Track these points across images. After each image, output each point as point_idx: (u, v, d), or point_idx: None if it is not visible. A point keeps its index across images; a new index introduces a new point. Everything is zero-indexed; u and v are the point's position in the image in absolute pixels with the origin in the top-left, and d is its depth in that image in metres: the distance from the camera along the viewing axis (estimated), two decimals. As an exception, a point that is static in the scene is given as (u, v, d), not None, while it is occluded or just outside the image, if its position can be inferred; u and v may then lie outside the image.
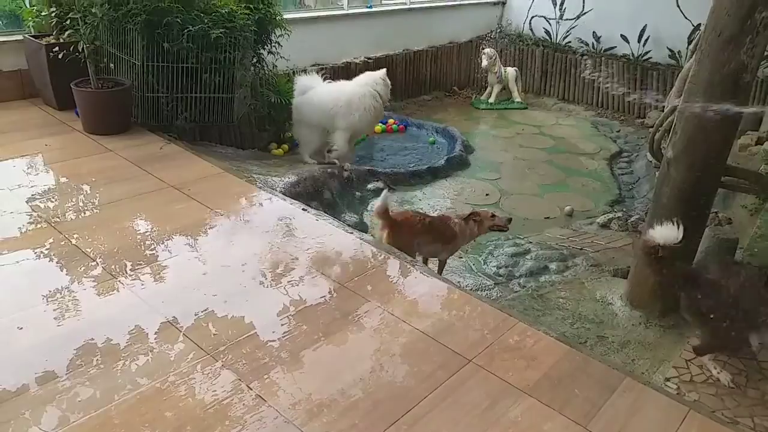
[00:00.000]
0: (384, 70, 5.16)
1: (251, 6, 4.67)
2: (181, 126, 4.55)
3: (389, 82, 5.14)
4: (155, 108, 4.53)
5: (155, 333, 2.43)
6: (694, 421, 2.20)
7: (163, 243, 3.07)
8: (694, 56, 3.17)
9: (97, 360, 2.25)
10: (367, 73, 5.20)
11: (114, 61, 4.58)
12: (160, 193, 3.59)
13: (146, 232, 3.17)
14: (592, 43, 7.96)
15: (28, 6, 4.63)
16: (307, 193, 4.24)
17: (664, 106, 3.63)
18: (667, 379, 2.67)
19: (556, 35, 8.29)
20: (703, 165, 3.07)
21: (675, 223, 2.66)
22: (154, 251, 3.00)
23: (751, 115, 6.29)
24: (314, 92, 5.10)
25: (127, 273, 2.80)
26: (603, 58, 7.75)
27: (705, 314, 2.66)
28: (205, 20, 4.31)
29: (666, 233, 2.68)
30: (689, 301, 2.77)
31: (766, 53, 3.52)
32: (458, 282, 3.35)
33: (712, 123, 3.00)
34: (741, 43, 2.87)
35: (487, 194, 5.26)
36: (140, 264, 2.87)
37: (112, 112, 4.39)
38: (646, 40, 7.49)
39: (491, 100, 7.95)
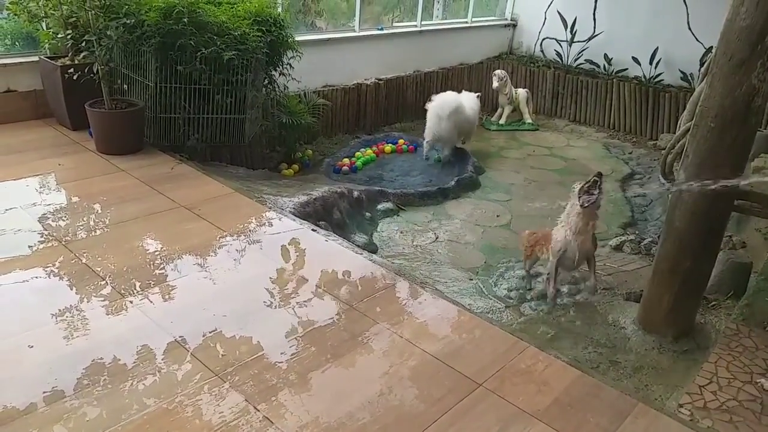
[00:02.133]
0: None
1: (263, 29, 4.73)
2: (192, 146, 4.59)
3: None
4: (167, 128, 4.58)
5: (163, 353, 2.42)
6: (710, 450, 2.16)
7: (172, 263, 3.08)
8: (705, 79, 3.17)
9: (105, 379, 2.25)
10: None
11: (128, 82, 4.65)
12: (170, 213, 3.61)
13: (156, 251, 3.18)
14: (604, 65, 7.97)
15: (44, 29, 4.72)
16: (317, 214, 4.24)
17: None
18: (681, 405, 2.61)
19: (568, 57, 8.32)
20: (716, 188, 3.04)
21: None
22: (163, 271, 3.00)
23: (764, 138, 6.25)
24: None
25: (136, 292, 2.80)
26: (614, 80, 7.75)
27: None
28: (218, 42, 4.37)
29: None
30: None
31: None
32: (469, 305, 3.32)
33: (724, 146, 2.98)
34: (752, 68, 2.86)
35: (497, 215, 5.24)
36: (149, 283, 2.88)
37: (125, 133, 4.43)
38: (658, 62, 7.50)
39: (502, 121, 7.96)
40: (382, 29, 7.22)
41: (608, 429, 2.20)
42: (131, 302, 2.72)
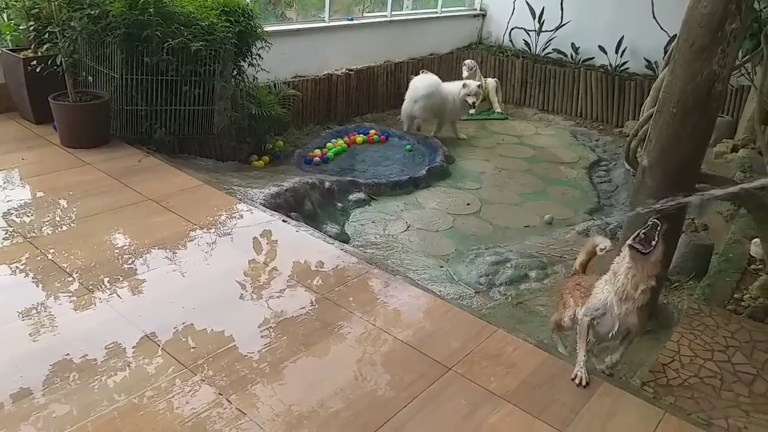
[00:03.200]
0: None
1: (232, 19, 4.68)
2: (160, 139, 4.54)
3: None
4: (134, 121, 4.52)
5: (133, 347, 2.41)
6: (670, 424, 2.24)
7: (141, 257, 3.05)
8: (667, 66, 3.24)
9: (74, 376, 2.23)
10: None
11: (92, 74, 4.56)
12: (138, 207, 3.57)
13: (124, 245, 3.15)
14: (571, 54, 8.07)
15: (5, 20, 4.60)
16: (288, 205, 4.23)
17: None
18: (644, 383, 2.70)
19: (536, 46, 8.40)
20: (677, 173, 3.12)
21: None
22: (132, 265, 2.98)
23: (725, 123, 6.43)
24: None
25: (104, 287, 2.77)
26: (581, 69, 7.86)
27: None
28: (185, 33, 4.31)
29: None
30: None
31: (737, 63, 3.61)
32: (439, 291, 3.36)
33: (686, 131, 3.06)
34: (713, 54, 2.94)
35: (468, 204, 5.29)
36: (118, 278, 2.85)
37: (90, 126, 4.36)
38: (624, 50, 7.61)
39: (472, 110, 8.01)
40: (351, 19, 7.19)
41: (574, 408, 2.26)
42: (100, 297, 2.70)
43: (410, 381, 2.34)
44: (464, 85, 6.72)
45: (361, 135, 6.61)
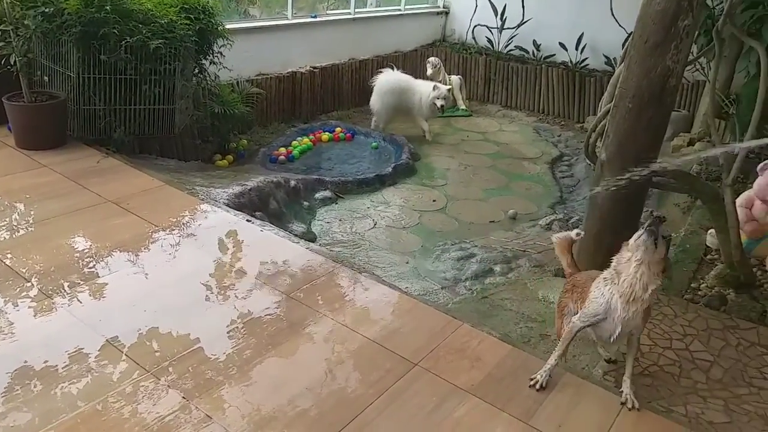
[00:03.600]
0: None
1: (192, 16, 4.61)
2: (119, 139, 4.45)
3: None
4: (92, 121, 4.42)
5: (95, 353, 2.37)
6: (631, 412, 2.30)
7: (101, 260, 2.99)
8: (623, 62, 3.32)
9: (35, 383, 2.19)
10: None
11: (48, 73, 4.45)
12: (97, 209, 3.49)
13: (84, 249, 3.09)
14: (533, 51, 8.19)
15: (-46, 18, 4.45)
16: (252, 204, 4.20)
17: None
18: (605, 373, 2.76)
19: (498, 44, 8.49)
20: (634, 166, 3.19)
21: None
22: (92, 269, 2.92)
23: (682, 118, 6.61)
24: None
25: (64, 292, 2.71)
26: (543, 66, 7.98)
27: None
28: (144, 31, 4.23)
29: None
30: None
31: (691, 59, 3.71)
32: (406, 288, 3.38)
33: (641, 125, 3.14)
34: (666, 50, 3.02)
35: (434, 200, 5.33)
36: (78, 283, 2.79)
37: (47, 127, 4.25)
38: (584, 47, 7.75)
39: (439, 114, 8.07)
40: (315, 17, 7.16)
41: (538, 399, 2.31)
42: (60, 303, 2.64)
43: (377, 378, 2.35)
44: (435, 87, 6.64)
45: (326, 133, 6.60)
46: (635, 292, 2.27)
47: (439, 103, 6.61)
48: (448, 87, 6.89)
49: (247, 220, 3.58)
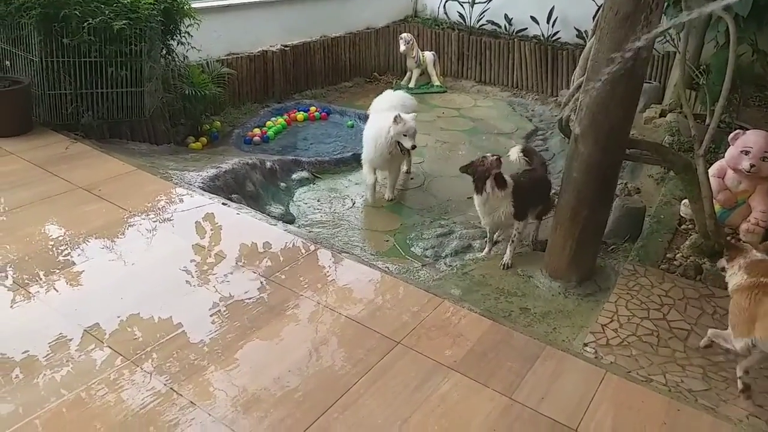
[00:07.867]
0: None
1: (156, -5, 4.48)
2: (87, 124, 4.33)
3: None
4: (58, 106, 4.29)
5: (75, 341, 2.33)
6: (611, 382, 2.35)
7: (76, 247, 2.94)
8: (595, 35, 3.32)
9: (16, 373, 2.16)
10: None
11: (10, 58, 4.31)
12: (68, 196, 3.41)
13: (58, 237, 3.02)
14: (505, 26, 8.16)
15: None
16: (228, 187, 4.14)
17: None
18: (586, 344, 2.81)
19: (470, 18, 8.44)
20: (608, 139, 3.22)
21: None
22: (67, 257, 2.86)
23: (653, 89, 6.68)
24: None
25: (40, 281, 2.66)
26: (515, 40, 7.96)
27: None
28: (106, 11, 4.10)
29: None
30: None
31: (661, 30, 3.73)
32: (386, 267, 3.39)
33: (614, 98, 3.16)
34: (636, 21, 3.02)
35: (411, 178, 5.32)
36: (53, 271, 2.74)
37: (11, 113, 4.12)
38: (555, 21, 7.74)
39: (411, 84, 8.01)
40: (284, -6, 7.02)
41: (520, 372, 2.34)
42: (35, 292, 2.59)
43: (361, 357, 2.36)
44: (396, 119, 4.46)
45: (301, 112, 6.52)
46: None
47: (407, 143, 4.49)
48: (414, 114, 4.77)
49: (224, 204, 3.54)
